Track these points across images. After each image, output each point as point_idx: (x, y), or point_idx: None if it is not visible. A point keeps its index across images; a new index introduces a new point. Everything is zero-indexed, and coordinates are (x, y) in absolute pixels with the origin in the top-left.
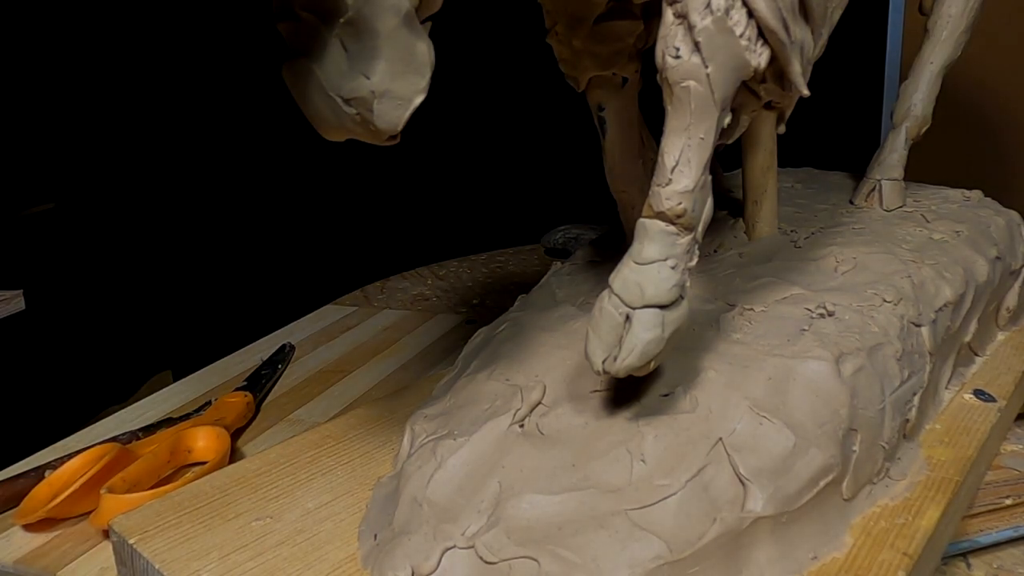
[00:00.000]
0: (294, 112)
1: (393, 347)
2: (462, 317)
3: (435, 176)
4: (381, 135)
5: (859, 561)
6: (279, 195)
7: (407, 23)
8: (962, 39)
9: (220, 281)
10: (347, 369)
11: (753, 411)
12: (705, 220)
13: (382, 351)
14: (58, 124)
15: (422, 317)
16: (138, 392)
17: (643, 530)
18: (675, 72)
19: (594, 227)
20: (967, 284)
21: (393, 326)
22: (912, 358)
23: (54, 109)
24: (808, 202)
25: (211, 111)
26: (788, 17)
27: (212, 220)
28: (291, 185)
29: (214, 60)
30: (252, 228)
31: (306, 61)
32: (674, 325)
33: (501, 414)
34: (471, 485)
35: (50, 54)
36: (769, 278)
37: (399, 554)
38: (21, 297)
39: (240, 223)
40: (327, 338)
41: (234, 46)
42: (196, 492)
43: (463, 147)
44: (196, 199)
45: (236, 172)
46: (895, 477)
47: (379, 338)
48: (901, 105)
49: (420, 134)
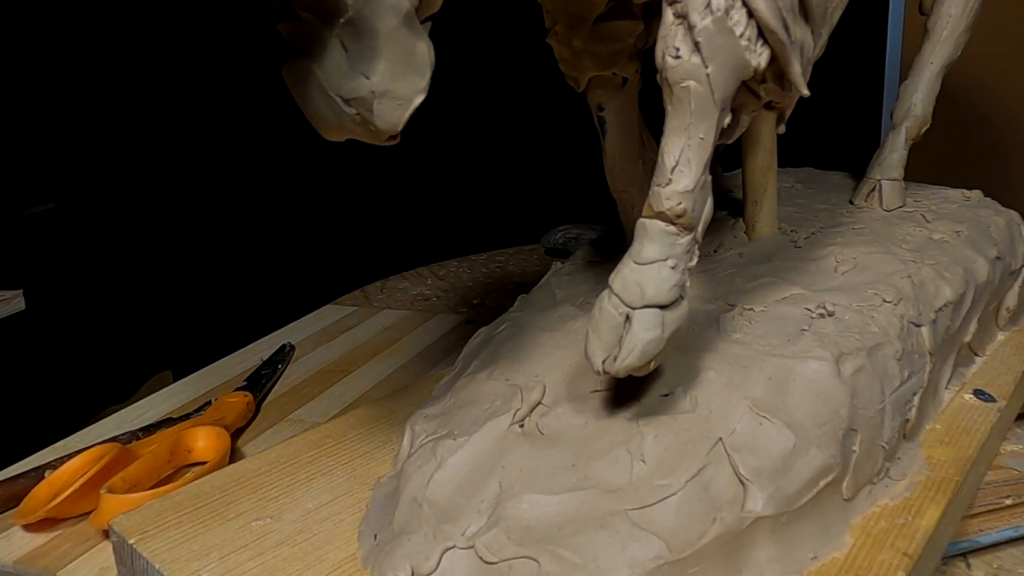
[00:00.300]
0: (294, 112)
1: (393, 347)
2: (462, 317)
3: (435, 176)
4: (381, 135)
5: (859, 561)
6: (279, 195)
7: (407, 23)
8: (962, 39)
9: (220, 281)
10: (347, 369)
11: (753, 411)
12: (705, 220)
13: (382, 351)
14: (58, 124)
15: (422, 317)
16: (138, 392)
17: (643, 530)
18: (675, 72)
19: (594, 227)
20: (967, 284)
21: (393, 326)
22: (912, 358)
23: (54, 109)
24: (808, 202)
25: (211, 111)
26: (788, 17)
27: (212, 220)
28: (291, 185)
29: (214, 60)
30: (252, 228)
31: (306, 61)
32: (674, 325)
33: (501, 414)
34: (471, 485)
35: (50, 54)
36: (769, 278)
37: (399, 554)
38: (21, 297)
39: (240, 223)
40: (327, 338)
41: (234, 46)
42: (196, 492)
43: (463, 147)
44: (196, 199)
45: (236, 172)
46: (895, 477)
47: (379, 338)
48: (901, 105)
49: (420, 134)
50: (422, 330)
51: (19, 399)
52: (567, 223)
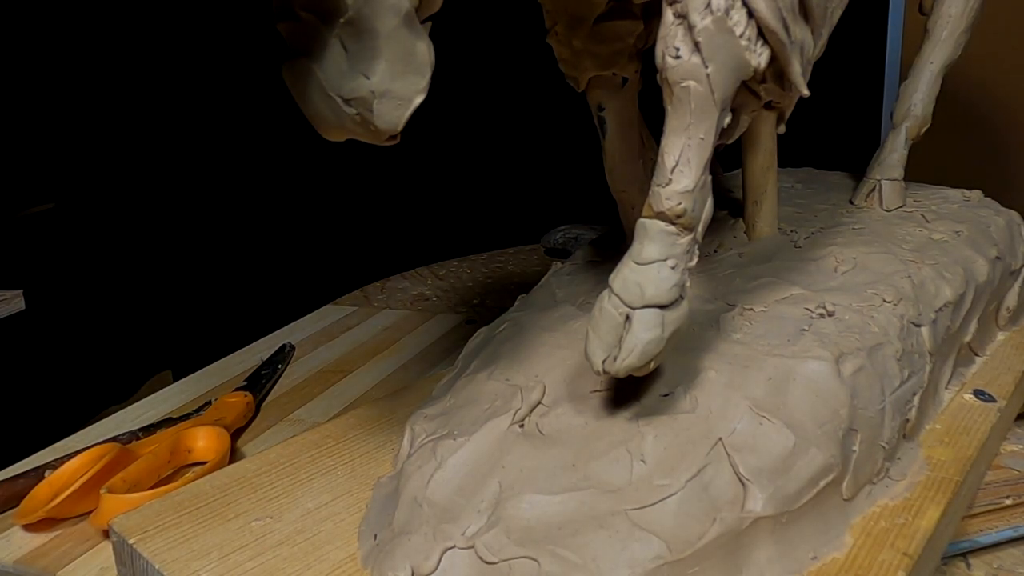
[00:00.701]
0: (294, 112)
1: (393, 347)
2: (462, 317)
3: (435, 176)
4: (381, 135)
5: (859, 561)
6: (279, 195)
7: (407, 23)
8: (962, 39)
9: (220, 281)
10: (347, 369)
11: (753, 411)
12: (705, 220)
13: (382, 351)
14: (58, 124)
15: (422, 317)
16: (138, 392)
17: (643, 530)
18: (675, 72)
19: (594, 227)
20: (967, 284)
21: (393, 326)
22: (912, 358)
23: (54, 109)
24: (808, 202)
25: (211, 111)
26: (788, 17)
27: (212, 220)
28: (291, 185)
29: (214, 60)
30: (252, 228)
31: (306, 61)
32: (674, 325)
33: (501, 414)
34: (471, 485)
35: (50, 54)
36: (769, 278)
37: (399, 554)
38: (21, 297)
39: (240, 223)
40: (327, 338)
41: (234, 46)
42: (196, 492)
43: (463, 147)
44: (196, 199)
45: (236, 172)
46: (895, 477)
47: (379, 338)
48: (901, 105)
49: (420, 134)
50: (422, 330)
51: (19, 399)
52: (567, 223)
